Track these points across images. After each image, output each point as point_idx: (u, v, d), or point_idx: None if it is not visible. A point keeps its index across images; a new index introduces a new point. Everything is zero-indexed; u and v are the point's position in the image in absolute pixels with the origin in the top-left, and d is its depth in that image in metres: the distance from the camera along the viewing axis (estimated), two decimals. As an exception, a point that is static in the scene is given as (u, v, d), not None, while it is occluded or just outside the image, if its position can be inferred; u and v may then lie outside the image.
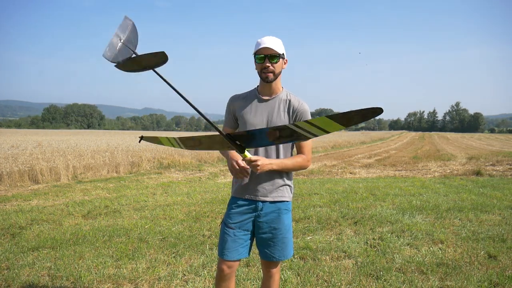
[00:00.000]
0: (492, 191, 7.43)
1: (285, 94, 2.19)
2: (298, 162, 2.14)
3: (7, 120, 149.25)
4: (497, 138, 52.28)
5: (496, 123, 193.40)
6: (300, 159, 2.15)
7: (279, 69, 2.12)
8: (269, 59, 2.06)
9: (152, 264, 3.58)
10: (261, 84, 2.19)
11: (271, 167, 2.03)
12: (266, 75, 2.10)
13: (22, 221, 5.15)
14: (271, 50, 2.05)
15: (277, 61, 2.08)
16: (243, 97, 2.24)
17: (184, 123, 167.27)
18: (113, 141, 17.70)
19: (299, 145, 2.18)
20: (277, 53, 2.06)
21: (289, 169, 2.14)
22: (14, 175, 8.59)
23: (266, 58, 2.06)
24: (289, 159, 2.14)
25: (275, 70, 2.10)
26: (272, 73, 2.10)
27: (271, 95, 2.18)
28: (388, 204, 6.22)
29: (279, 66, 2.12)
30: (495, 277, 3.24)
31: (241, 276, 3.30)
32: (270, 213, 2.16)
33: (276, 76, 2.12)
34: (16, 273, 3.33)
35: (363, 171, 12.10)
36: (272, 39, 2.08)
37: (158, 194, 7.34)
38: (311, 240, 4.30)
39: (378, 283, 3.17)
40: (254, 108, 2.18)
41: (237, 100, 2.24)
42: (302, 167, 2.17)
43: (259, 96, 2.20)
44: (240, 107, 2.21)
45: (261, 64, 2.08)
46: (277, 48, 2.06)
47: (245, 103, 2.21)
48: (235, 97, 2.27)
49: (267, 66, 2.07)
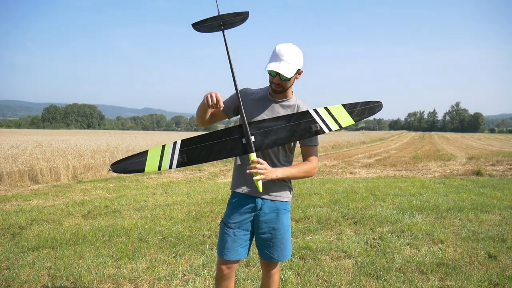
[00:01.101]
0: (492, 191, 7.43)
1: (295, 99, 2.18)
2: (304, 170, 2.11)
3: (7, 120, 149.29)
4: (497, 138, 52.28)
5: (496, 123, 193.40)
6: (306, 167, 2.12)
7: (290, 84, 2.10)
8: (280, 77, 2.03)
9: (152, 264, 3.58)
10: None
11: (276, 175, 2.01)
12: (275, 89, 2.09)
13: (22, 221, 5.15)
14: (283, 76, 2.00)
15: (289, 79, 2.04)
16: (253, 94, 2.19)
17: (184, 123, 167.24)
18: (113, 141, 17.67)
19: (306, 152, 2.16)
20: (288, 78, 2.01)
21: (295, 177, 2.10)
22: (14, 175, 8.59)
23: (278, 75, 2.03)
24: (294, 167, 2.10)
25: (284, 86, 2.08)
26: (281, 88, 2.08)
27: (281, 99, 2.16)
28: (388, 204, 6.22)
29: (291, 82, 2.09)
30: (495, 277, 3.24)
31: (241, 276, 3.30)
32: (269, 213, 2.15)
33: (285, 89, 2.11)
34: (16, 273, 3.33)
35: (363, 171, 12.09)
36: (288, 56, 2.00)
37: (158, 194, 7.34)
38: (311, 240, 4.30)
39: (378, 283, 3.17)
40: (262, 107, 2.14)
41: (248, 95, 2.18)
42: (308, 174, 2.12)
43: (269, 97, 2.17)
44: (247, 103, 2.13)
45: (272, 77, 2.07)
46: (289, 72, 2.00)
47: (254, 101, 2.16)
48: (246, 90, 2.20)
49: (277, 83, 2.06)
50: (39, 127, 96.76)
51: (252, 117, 2.11)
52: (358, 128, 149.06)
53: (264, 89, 2.21)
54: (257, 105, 2.15)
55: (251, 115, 2.12)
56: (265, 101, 2.16)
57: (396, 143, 34.24)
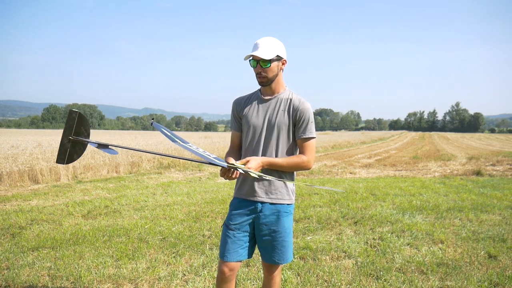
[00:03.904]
0: (492, 191, 7.44)
1: (287, 93, 2.18)
2: (293, 162, 2.10)
3: (7, 120, 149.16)
4: (497, 138, 52.26)
5: (496, 123, 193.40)
6: (296, 159, 2.11)
7: (273, 73, 2.10)
8: (260, 64, 2.06)
9: (152, 264, 3.58)
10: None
11: (261, 165, 2.04)
12: (260, 81, 2.11)
13: (22, 221, 5.15)
14: (259, 58, 2.03)
15: (269, 66, 2.06)
16: (246, 99, 2.26)
17: (184, 123, 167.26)
18: (113, 141, 17.69)
19: (301, 145, 2.16)
20: (267, 59, 2.04)
21: (283, 168, 2.10)
22: (14, 175, 8.58)
23: (258, 63, 2.06)
24: (283, 158, 2.11)
25: (267, 75, 2.09)
26: (265, 78, 2.09)
27: (272, 95, 2.18)
28: (388, 204, 6.22)
29: (273, 70, 2.09)
30: (495, 277, 3.24)
31: (241, 276, 3.30)
32: (269, 215, 2.15)
33: (271, 79, 2.11)
34: (16, 273, 3.33)
35: (363, 171, 12.09)
36: (265, 43, 2.06)
37: (158, 194, 7.33)
38: (311, 240, 4.30)
39: (378, 283, 3.17)
40: (255, 108, 2.19)
41: (240, 102, 2.26)
42: (299, 167, 2.11)
43: (260, 96, 2.21)
44: (243, 108, 2.23)
45: (255, 68, 2.09)
46: (266, 55, 2.03)
47: (247, 104, 2.23)
48: (238, 99, 2.29)
49: (259, 72, 2.08)
50: (39, 127, 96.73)
51: (253, 121, 2.17)
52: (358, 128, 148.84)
53: (255, 92, 2.27)
54: (255, 108, 2.20)
55: (251, 119, 2.17)
56: (260, 102, 2.20)
57: (396, 143, 34.24)
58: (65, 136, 2.03)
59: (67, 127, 2.03)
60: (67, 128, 2.03)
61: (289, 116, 2.13)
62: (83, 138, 2.05)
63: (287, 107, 2.14)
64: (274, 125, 2.13)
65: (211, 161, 1.92)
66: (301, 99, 2.16)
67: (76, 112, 2.02)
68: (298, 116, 2.12)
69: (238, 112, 2.25)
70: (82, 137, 2.06)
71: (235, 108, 2.27)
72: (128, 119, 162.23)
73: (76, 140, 2.03)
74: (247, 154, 2.18)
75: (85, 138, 2.06)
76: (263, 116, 2.16)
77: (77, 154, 2.09)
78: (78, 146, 2.08)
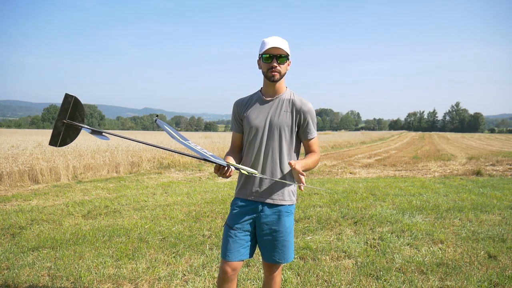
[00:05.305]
0: (492, 191, 7.44)
1: (289, 94, 2.19)
2: (316, 160, 2.17)
3: (7, 120, 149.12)
4: (497, 138, 52.27)
5: (496, 123, 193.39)
6: (316, 157, 2.18)
7: (285, 70, 2.13)
8: (276, 59, 2.07)
9: (152, 264, 3.58)
10: (265, 85, 2.20)
11: (304, 168, 2.03)
12: (273, 74, 2.10)
13: (22, 221, 5.15)
14: (280, 50, 2.05)
15: (284, 62, 2.10)
16: (247, 100, 2.26)
17: (184, 123, 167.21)
18: (113, 141, 17.67)
19: (308, 144, 2.20)
20: (285, 53, 2.07)
21: (310, 167, 2.13)
22: (14, 175, 8.59)
23: (273, 58, 2.07)
24: (309, 159, 2.12)
25: (281, 70, 2.11)
26: (279, 73, 2.10)
27: (274, 96, 2.18)
28: (388, 204, 6.22)
29: (285, 67, 2.13)
30: (495, 277, 3.24)
31: (241, 276, 3.30)
32: (270, 214, 2.16)
33: (281, 76, 2.13)
34: (16, 273, 3.33)
35: (363, 171, 12.09)
36: (279, 40, 2.09)
37: (158, 194, 7.33)
38: (311, 240, 4.30)
39: (378, 283, 3.17)
40: (257, 109, 2.19)
41: (241, 104, 2.26)
42: (317, 163, 2.20)
43: (262, 97, 2.20)
44: (244, 109, 2.23)
45: (269, 64, 2.09)
46: (285, 48, 2.07)
47: (249, 105, 2.22)
48: (239, 101, 2.29)
49: (274, 66, 2.08)
50: (39, 127, 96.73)
51: (254, 122, 2.16)
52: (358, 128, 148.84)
53: (256, 93, 2.26)
54: (256, 109, 2.19)
55: (253, 120, 2.17)
56: (261, 103, 2.20)
57: (396, 143, 34.24)
58: (59, 119, 2.01)
59: (62, 110, 2.00)
60: (62, 111, 2.00)
61: (292, 117, 2.14)
62: (77, 123, 2.04)
63: (290, 108, 2.15)
64: (276, 126, 2.13)
65: (208, 158, 1.94)
66: (302, 99, 2.17)
67: (72, 96, 2.00)
68: (302, 118, 2.15)
69: (240, 113, 2.25)
70: (77, 121, 2.04)
71: (236, 109, 2.27)
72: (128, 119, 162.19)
73: (70, 124, 2.02)
74: (249, 155, 2.18)
75: (79, 123, 2.05)
76: (265, 117, 2.16)
77: (70, 138, 2.07)
78: (72, 130, 2.06)
